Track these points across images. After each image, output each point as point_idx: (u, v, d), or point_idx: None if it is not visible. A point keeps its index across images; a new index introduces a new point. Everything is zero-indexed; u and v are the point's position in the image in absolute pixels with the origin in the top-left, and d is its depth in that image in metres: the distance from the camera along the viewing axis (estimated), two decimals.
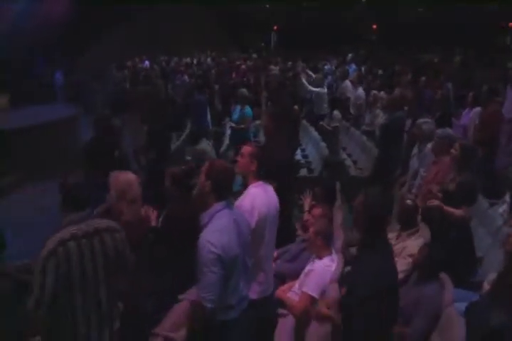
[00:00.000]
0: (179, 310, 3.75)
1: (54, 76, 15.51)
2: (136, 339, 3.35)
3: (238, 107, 8.02)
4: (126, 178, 3.34)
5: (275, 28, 28.08)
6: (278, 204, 3.47)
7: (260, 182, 3.36)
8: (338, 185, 5.73)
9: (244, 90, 8.27)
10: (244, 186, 3.47)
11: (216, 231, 2.70)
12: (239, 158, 3.42)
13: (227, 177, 2.83)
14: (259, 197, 3.27)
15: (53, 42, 16.99)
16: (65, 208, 2.74)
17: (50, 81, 15.32)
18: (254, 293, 3.25)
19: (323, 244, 3.78)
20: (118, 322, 2.97)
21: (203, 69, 14.69)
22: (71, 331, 2.69)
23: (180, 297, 3.84)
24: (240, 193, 3.47)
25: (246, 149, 3.41)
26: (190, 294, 3.93)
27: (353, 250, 4.60)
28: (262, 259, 3.33)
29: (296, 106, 8.08)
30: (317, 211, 4.25)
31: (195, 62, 17.16)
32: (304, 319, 3.62)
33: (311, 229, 3.81)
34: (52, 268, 2.54)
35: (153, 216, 3.72)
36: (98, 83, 14.13)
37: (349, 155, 8.30)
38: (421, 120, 5.56)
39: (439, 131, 5.11)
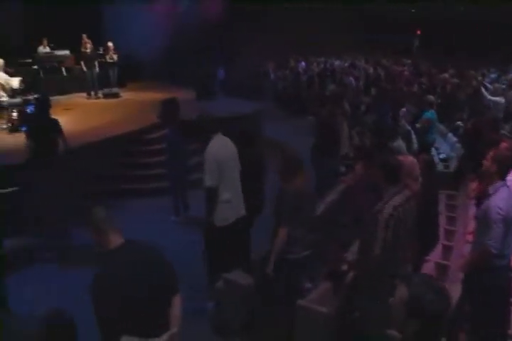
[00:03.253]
0: (429, 267, 5.05)
1: (216, 73, 17.38)
2: None
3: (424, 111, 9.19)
4: (412, 161, 4.68)
5: (418, 31, 28.63)
6: None
7: None
8: None
9: (430, 96, 9.42)
10: None
11: (502, 199, 3.93)
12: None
13: (509, 162, 4.06)
14: None
15: (215, 40, 18.93)
16: (387, 182, 3.98)
17: (213, 78, 17.19)
18: None
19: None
20: None
21: (360, 72, 15.93)
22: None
23: (426, 258, 5.15)
24: None
25: (503, 144, 4.64)
26: (434, 255, 5.23)
27: None
28: None
29: None
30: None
31: (346, 64, 18.37)
32: None
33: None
34: (391, 226, 3.84)
35: None
36: (265, 82, 15.84)
37: None
38: None
39: None
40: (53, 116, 7.05)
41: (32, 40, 14.88)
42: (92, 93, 13.91)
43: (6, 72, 9.93)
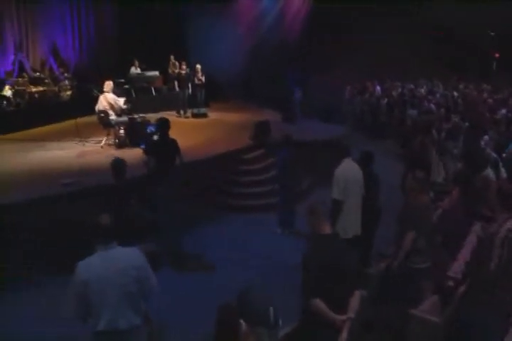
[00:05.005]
0: None
1: (293, 93, 17.99)
2: None
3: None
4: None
5: (497, 55, 28.48)
6: None
7: None
8: None
9: None
10: None
11: None
12: None
13: None
14: None
15: (295, 62, 19.64)
16: (503, 207, 4.61)
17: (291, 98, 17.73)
18: None
19: None
20: None
21: (439, 98, 16.29)
22: None
23: None
24: None
25: None
26: None
27: None
28: None
29: None
30: None
31: (423, 90, 18.58)
32: None
33: None
34: (506, 246, 4.40)
35: None
36: (343, 105, 16.45)
37: None
38: None
39: None
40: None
41: (124, 62, 16.23)
42: (182, 112, 14.99)
43: (114, 93, 11.04)
